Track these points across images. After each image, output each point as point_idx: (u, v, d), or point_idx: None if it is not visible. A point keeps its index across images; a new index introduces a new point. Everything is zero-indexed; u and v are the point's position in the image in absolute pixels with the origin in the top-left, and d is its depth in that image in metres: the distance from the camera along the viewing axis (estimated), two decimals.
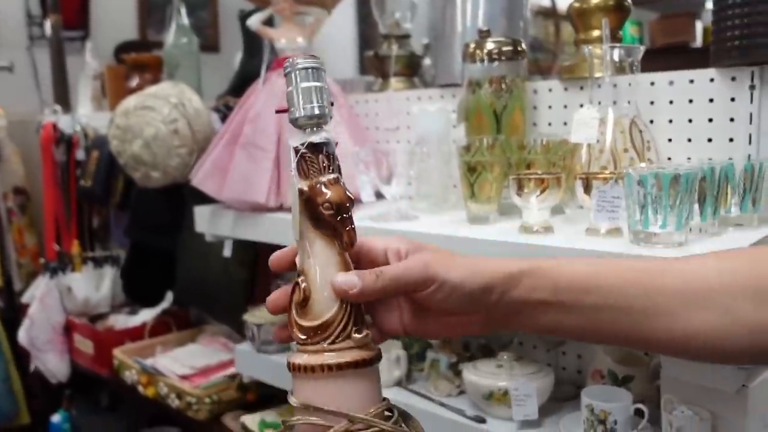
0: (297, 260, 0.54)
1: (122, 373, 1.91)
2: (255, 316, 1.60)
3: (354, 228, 0.52)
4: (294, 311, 0.53)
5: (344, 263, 0.53)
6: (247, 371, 1.61)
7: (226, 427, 1.64)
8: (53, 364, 2.16)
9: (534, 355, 1.32)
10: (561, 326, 0.55)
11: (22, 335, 2.14)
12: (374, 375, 0.53)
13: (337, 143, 0.54)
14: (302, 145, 0.52)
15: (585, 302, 0.54)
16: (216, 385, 1.70)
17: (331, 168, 0.53)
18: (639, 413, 1.01)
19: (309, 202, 0.51)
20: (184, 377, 1.76)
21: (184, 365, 1.80)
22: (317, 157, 0.52)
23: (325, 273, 0.52)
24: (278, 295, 0.56)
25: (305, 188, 0.52)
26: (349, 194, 0.52)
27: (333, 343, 0.51)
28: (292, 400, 0.52)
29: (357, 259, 0.56)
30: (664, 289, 0.54)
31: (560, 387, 1.21)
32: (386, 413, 0.52)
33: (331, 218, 0.51)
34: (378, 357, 0.53)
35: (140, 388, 1.84)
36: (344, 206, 0.52)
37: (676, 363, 1.00)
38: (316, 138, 0.52)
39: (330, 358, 0.51)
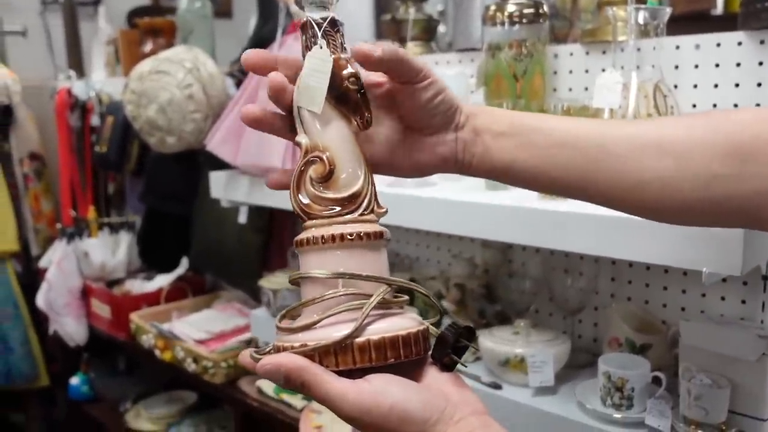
0: (304, 138, 0.53)
1: (139, 337, 1.93)
2: (270, 281, 1.61)
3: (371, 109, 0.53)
4: (311, 185, 0.52)
5: (358, 142, 0.53)
6: (262, 336, 1.62)
7: (242, 390, 1.66)
8: (71, 328, 2.19)
9: (550, 323, 1.32)
10: (516, 164, 0.56)
11: (41, 299, 2.16)
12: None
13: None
14: (324, 19, 0.51)
15: (538, 140, 0.56)
16: (232, 349, 1.72)
17: (345, 48, 0.52)
18: (657, 381, 1.01)
19: (333, 77, 0.51)
20: (200, 342, 1.78)
21: (200, 330, 1.82)
22: (336, 34, 0.52)
23: (346, 148, 0.52)
24: (280, 175, 0.57)
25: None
26: None
27: (362, 214, 0.51)
28: (318, 273, 0.50)
29: None
30: (622, 134, 0.55)
31: (576, 355, 1.21)
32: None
33: (354, 93, 0.51)
34: None
35: (157, 352, 1.86)
36: (363, 84, 0.52)
37: (695, 331, 0.99)
38: (336, 15, 0.52)
39: (369, 227, 0.51)
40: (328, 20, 0.51)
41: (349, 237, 0.50)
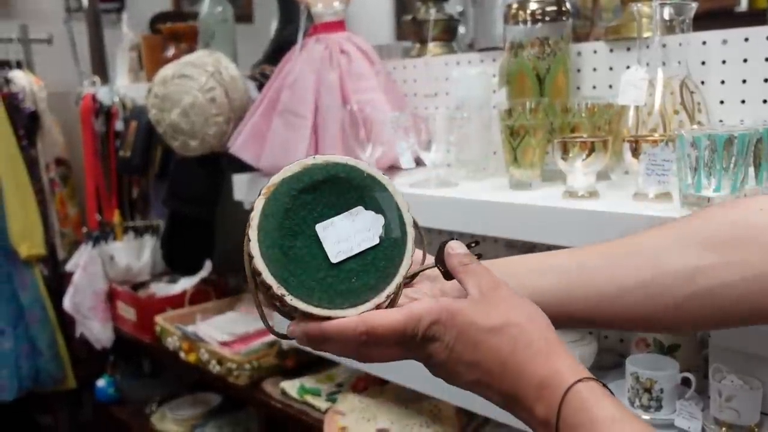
0: None
1: (164, 339, 1.95)
2: None
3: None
4: None
5: None
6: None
7: (265, 392, 1.66)
8: (97, 330, 2.22)
9: None
10: None
11: (67, 302, 2.19)
12: None
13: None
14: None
15: (515, 270, 0.59)
16: (256, 351, 1.72)
17: None
18: (686, 382, 0.99)
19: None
20: (224, 344, 1.79)
21: (224, 332, 1.83)
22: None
23: None
24: None
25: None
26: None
27: None
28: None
29: None
30: (596, 250, 0.58)
31: (602, 355, 1.20)
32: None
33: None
34: None
35: (182, 355, 1.87)
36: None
37: (725, 331, 0.97)
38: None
39: None
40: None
41: None
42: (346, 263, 0.54)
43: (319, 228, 0.54)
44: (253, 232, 0.53)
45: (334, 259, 0.53)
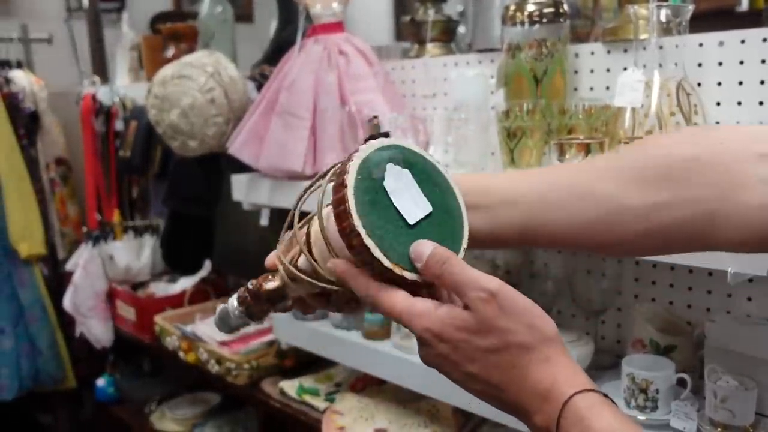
0: None
1: (164, 339, 1.95)
2: None
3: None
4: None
5: None
6: (285, 338, 1.63)
7: (264, 392, 1.66)
8: (97, 330, 2.22)
9: (573, 324, 1.31)
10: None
11: (67, 302, 2.20)
12: None
13: None
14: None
15: (481, 202, 0.58)
16: (255, 351, 1.73)
17: None
18: (681, 383, 1.00)
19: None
20: (223, 344, 1.79)
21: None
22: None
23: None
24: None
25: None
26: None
27: None
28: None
29: None
30: (553, 184, 0.58)
31: (599, 356, 1.20)
32: None
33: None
34: None
35: (181, 354, 1.88)
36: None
37: (721, 332, 0.98)
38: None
39: None
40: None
41: None
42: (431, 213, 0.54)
43: (407, 218, 0.53)
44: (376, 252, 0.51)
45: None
